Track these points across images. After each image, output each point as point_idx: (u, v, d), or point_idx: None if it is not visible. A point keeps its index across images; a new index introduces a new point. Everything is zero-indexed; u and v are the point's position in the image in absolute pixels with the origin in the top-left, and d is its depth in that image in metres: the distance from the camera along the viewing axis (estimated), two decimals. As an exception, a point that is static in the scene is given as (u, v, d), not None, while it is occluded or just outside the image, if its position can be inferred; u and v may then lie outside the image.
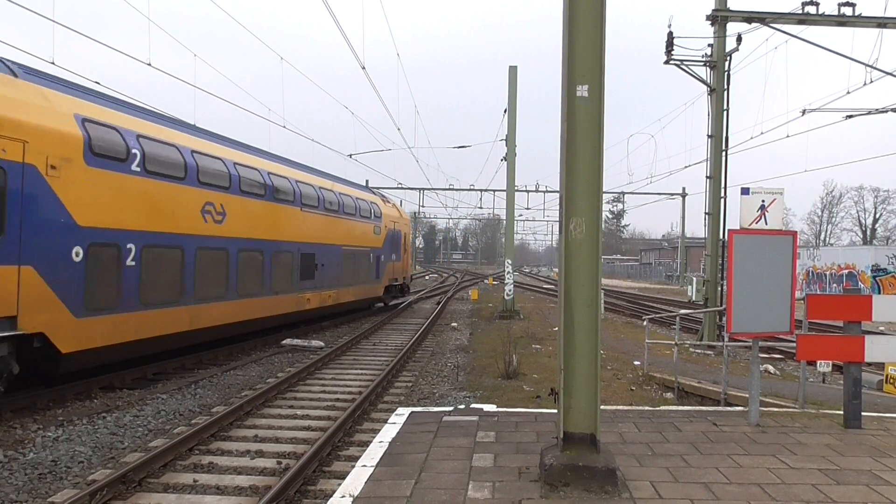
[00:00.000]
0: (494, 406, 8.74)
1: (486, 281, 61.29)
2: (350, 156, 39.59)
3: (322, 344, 17.97)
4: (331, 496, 5.16)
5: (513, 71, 28.47)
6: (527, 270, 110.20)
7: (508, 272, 28.89)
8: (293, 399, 11.41)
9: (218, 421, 9.26)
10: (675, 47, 19.52)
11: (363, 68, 21.13)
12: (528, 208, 62.54)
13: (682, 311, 18.40)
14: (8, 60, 10.57)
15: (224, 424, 9.36)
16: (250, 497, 6.85)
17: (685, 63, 19.71)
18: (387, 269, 27.98)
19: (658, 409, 8.74)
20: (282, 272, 17.95)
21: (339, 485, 5.47)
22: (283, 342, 18.02)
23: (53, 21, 13.30)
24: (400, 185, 61.12)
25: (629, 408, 9.00)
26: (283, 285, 18.05)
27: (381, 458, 6.08)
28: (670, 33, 19.48)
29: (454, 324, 24.45)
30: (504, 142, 29.60)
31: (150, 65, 16.04)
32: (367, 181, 47.46)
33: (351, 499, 5.03)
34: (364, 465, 5.90)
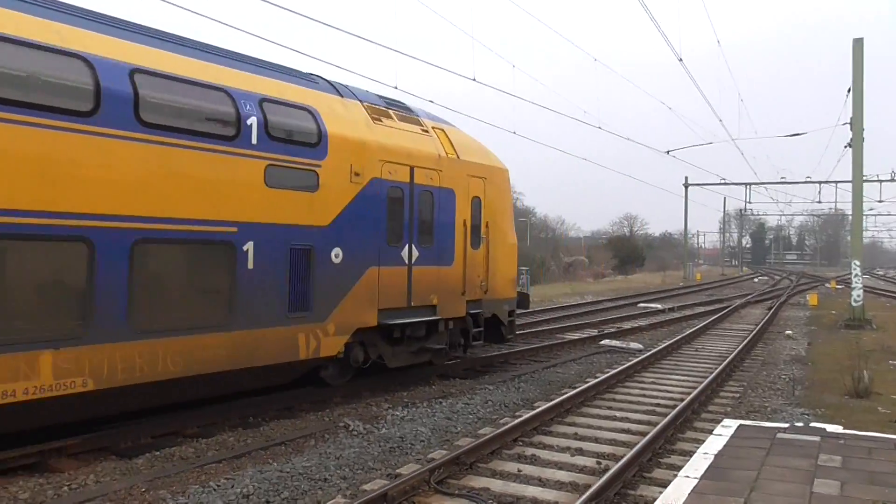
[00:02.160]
0: (840, 427, 7.75)
1: (826, 285, 54.41)
2: (668, 152, 38.28)
3: (641, 347, 17.66)
4: None
5: (857, 45, 24.83)
6: (880, 273, 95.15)
7: (856, 275, 25.26)
8: (612, 400, 11.41)
9: (540, 415, 9.66)
10: None
11: (680, 60, 20.32)
12: (880, 201, 54.11)
13: None
14: None
15: (545, 419, 9.74)
16: (570, 493, 7.02)
17: None
18: (361, 286, 10.58)
19: None
20: None
21: (660, 493, 5.35)
22: (602, 342, 18.13)
23: (396, 51, 15.15)
24: (723, 181, 57.35)
25: None
26: None
27: (705, 471, 5.79)
28: None
29: (788, 332, 22.15)
30: (848, 126, 25.97)
31: (474, 80, 17.39)
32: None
33: (673, 509, 4.88)
34: (687, 476, 5.68)
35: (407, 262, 11.46)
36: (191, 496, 6.70)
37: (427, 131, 12.35)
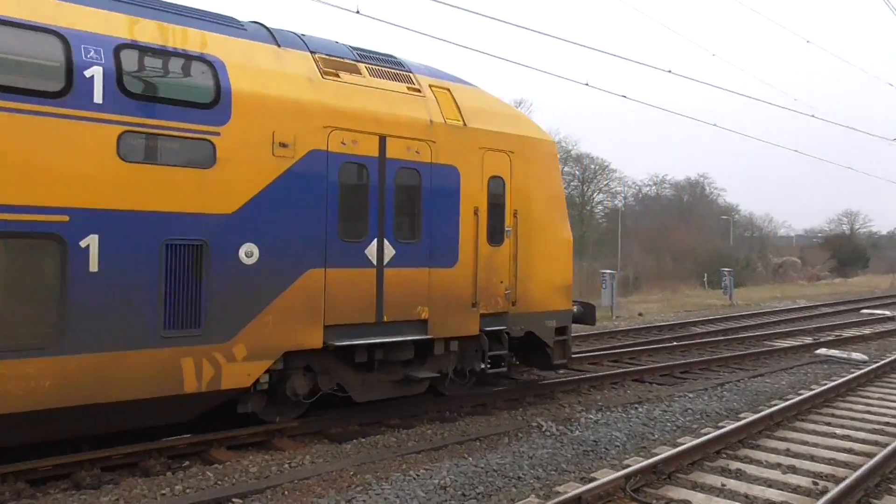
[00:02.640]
0: None
1: None
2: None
3: (865, 357, 15.84)
4: (882, 534, 4.54)
5: None
6: None
7: None
8: (830, 416, 10.36)
9: (746, 427, 9.02)
10: None
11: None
12: None
13: None
14: None
15: (752, 432, 9.07)
16: (782, 513, 6.49)
17: None
18: (292, 296, 8.09)
19: None
20: None
21: (893, 523, 4.77)
22: (817, 352, 16.52)
23: (588, 48, 14.93)
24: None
25: None
26: None
27: (949, 503, 5.08)
28: None
29: None
30: None
31: (670, 72, 16.66)
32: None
33: (909, 542, 4.33)
34: (926, 507, 5.01)
35: (375, 262, 8.71)
36: (393, 483, 7.10)
37: (418, 90, 9.38)
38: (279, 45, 8.52)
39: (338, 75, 8.68)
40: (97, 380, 6.85)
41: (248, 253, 7.71)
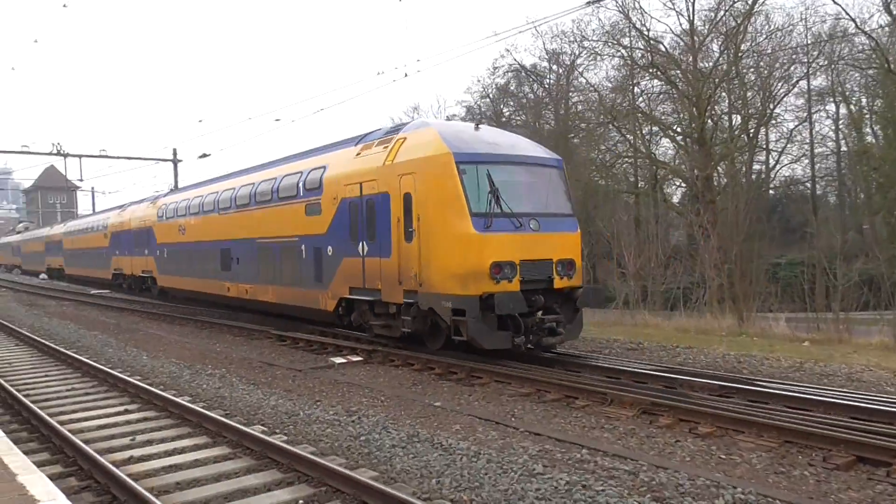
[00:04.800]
0: None
1: None
2: None
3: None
4: None
5: None
6: None
7: None
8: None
9: None
10: None
11: None
12: None
13: None
14: None
15: None
16: None
17: None
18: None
19: None
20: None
21: None
22: None
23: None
24: None
25: None
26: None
27: None
28: None
29: None
30: None
31: None
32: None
33: None
34: None
35: (362, 253, 14.62)
36: None
37: (386, 146, 14.31)
38: (359, 144, 15.26)
39: (360, 154, 15.01)
40: (296, 297, 16.70)
41: (329, 251, 15.48)
